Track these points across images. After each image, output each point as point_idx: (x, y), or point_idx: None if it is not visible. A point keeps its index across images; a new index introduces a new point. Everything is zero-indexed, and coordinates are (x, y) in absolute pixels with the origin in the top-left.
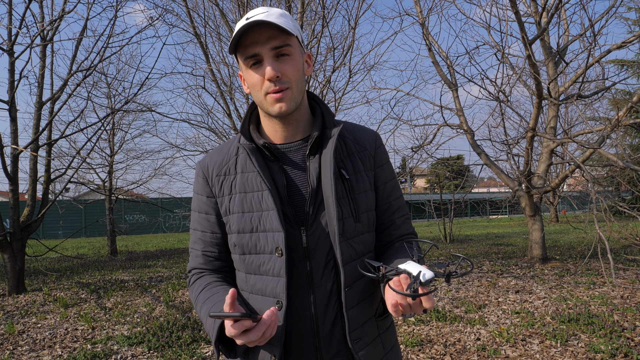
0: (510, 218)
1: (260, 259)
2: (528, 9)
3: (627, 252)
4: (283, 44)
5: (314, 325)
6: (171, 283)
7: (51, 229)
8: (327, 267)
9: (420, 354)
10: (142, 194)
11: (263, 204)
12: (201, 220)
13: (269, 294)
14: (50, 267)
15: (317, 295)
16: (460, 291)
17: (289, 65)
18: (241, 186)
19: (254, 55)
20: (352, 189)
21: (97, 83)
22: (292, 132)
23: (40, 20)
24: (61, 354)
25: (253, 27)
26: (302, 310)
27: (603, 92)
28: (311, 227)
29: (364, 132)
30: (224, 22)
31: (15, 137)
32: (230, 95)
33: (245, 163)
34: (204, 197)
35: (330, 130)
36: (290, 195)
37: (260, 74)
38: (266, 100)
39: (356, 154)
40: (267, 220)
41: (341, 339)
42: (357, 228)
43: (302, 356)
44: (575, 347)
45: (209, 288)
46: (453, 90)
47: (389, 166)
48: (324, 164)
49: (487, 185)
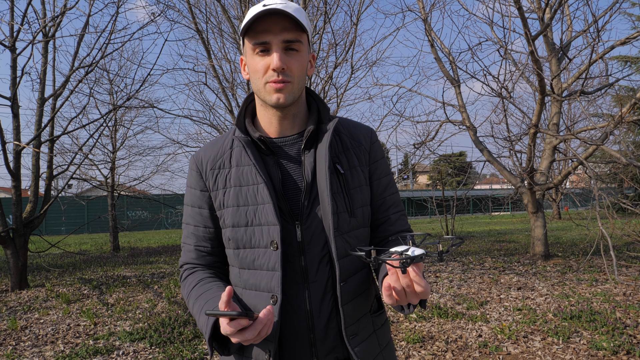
0: (513, 215)
1: (255, 253)
2: (531, 5)
3: (630, 249)
4: (295, 39)
5: (309, 321)
6: (173, 279)
7: (54, 225)
8: (322, 262)
9: (421, 351)
10: (144, 191)
11: (258, 197)
12: (194, 214)
13: (263, 289)
14: (53, 263)
15: (312, 290)
16: (462, 288)
17: (295, 61)
18: (236, 180)
19: (263, 42)
20: (347, 184)
21: (99, 79)
22: (288, 126)
23: (42, 16)
24: (63, 349)
25: (268, 15)
26: (297, 305)
27: (606, 88)
28: (306, 222)
29: (359, 127)
30: (226, 18)
31: (17, 134)
32: (232, 91)
33: (240, 156)
34: (198, 191)
35: (326, 125)
36: (285, 189)
37: (265, 62)
38: (265, 89)
39: (351, 149)
40: (262, 214)
41: (336, 335)
42: (352, 223)
43: (297, 352)
44: (577, 344)
45: (202, 284)
46: (455, 87)
47: (384, 162)
48: (319, 158)
49: (490, 182)
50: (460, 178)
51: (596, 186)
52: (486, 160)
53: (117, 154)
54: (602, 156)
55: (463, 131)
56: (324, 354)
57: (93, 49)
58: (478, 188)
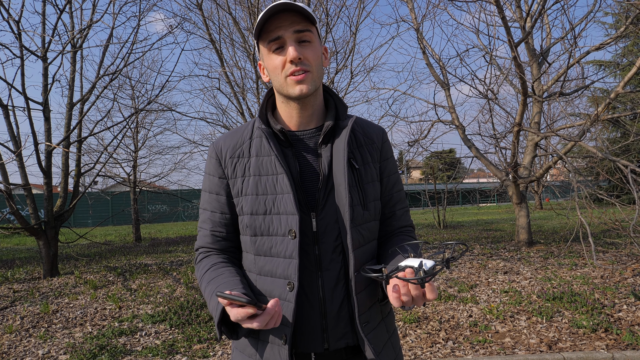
0: (499, 206)
1: (272, 241)
2: (513, 15)
3: (606, 236)
4: (305, 28)
5: (321, 308)
6: (190, 266)
7: (81, 218)
8: (335, 251)
9: (417, 330)
10: (163, 186)
11: (278, 187)
12: (211, 200)
13: (280, 276)
14: (81, 253)
15: (325, 278)
16: (453, 272)
17: (310, 50)
18: (255, 169)
19: (277, 38)
20: (361, 179)
21: (122, 85)
22: (307, 119)
23: (70, 29)
24: (91, 330)
25: (276, 13)
26: (311, 292)
27: (583, 90)
28: (321, 213)
29: (372, 127)
30: (237, 29)
31: (48, 135)
32: (242, 95)
33: (260, 147)
34: (216, 177)
35: (344, 122)
36: (302, 181)
37: (282, 57)
38: (287, 83)
39: (365, 146)
40: (281, 203)
41: (347, 322)
42: (365, 215)
43: (310, 337)
44: (559, 323)
45: (214, 268)
46: (445, 90)
47: (393, 160)
48: (336, 152)
49: (477, 176)
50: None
51: (575, 179)
52: (474, 156)
53: (138, 153)
54: (579, 151)
55: (453, 130)
56: (335, 339)
57: (117, 58)
58: (467, 182)
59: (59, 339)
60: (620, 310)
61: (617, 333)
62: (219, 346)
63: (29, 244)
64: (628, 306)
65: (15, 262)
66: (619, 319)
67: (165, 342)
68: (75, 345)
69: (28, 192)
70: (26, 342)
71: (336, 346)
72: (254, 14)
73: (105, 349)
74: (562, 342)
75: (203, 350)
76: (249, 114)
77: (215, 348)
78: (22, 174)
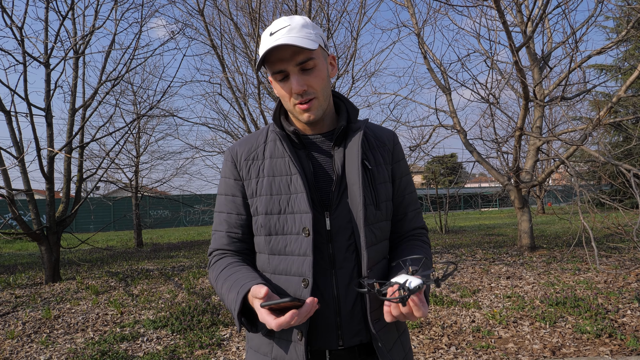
0: (501, 210)
1: (287, 240)
2: (514, 19)
3: (609, 241)
4: (307, 58)
5: (336, 305)
6: (192, 272)
7: (83, 223)
8: (348, 250)
9: (420, 335)
10: (165, 191)
11: (292, 187)
12: (227, 202)
13: (294, 273)
14: (83, 258)
15: (339, 276)
16: (455, 277)
17: (314, 77)
18: (269, 170)
19: (280, 71)
20: (374, 179)
21: (124, 91)
22: (319, 128)
23: (73, 35)
24: (93, 336)
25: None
26: (325, 290)
27: (584, 94)
28: (335, 212)
29: (383, 130)
30: (238, 35)
31: (51, 141)
32: (244, 101)
33: (274, 149)
34: (232, 180)
35: (356, 124)
36: (316, 181)
37: (287, 88)
38: (295, 110)
39: (377, 148)
40: (295, 202)
41: (361, 320)
42: (377, 215)
43: (325, 334)
44: (562, 328)
45: (231, 267)
46: (447, 94)
47: (405, 162)
48: (350, 153)
49: (479, 181)
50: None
51: (577, 183)
52: (476, 160)
53: (140, 158)
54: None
55: (454, 134)
56: (349, 337)
57: (119, 64)
58: (468, 186)
59: (60, 345)
60: (624, 316)
61: (621, 338)
62: (220, 352)
63: (31, 249)
64: (632, 311)
65: (17, 268)
66: (623, 324)
67: (167, 347)
68: (77, 350)
69: (30, 198)
70: (28, 347)
71: (350, 343)
72: (255, 19)
73: (107, 355)
74: (565, 347)
75: (205, 355)
76: (250, 120)
77: (217, 354)
78: (24, 179)
